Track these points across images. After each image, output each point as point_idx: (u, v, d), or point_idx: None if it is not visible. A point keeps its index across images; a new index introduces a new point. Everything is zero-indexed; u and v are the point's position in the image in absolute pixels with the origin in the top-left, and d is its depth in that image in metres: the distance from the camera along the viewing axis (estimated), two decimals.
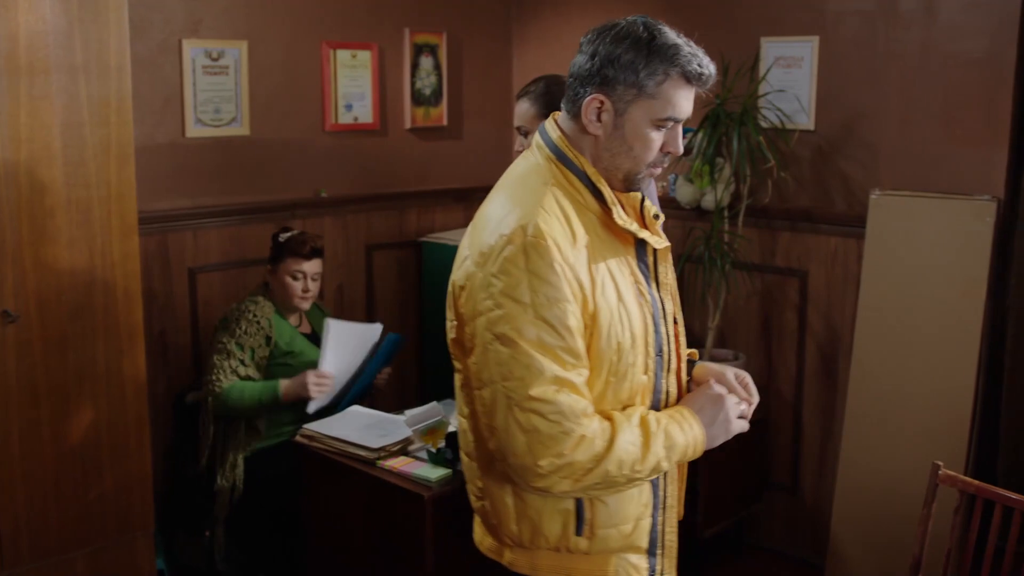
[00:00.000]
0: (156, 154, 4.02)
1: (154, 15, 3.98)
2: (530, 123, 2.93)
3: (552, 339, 1.79)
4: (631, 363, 1.89)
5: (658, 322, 1.96)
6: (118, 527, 3.42)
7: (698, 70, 1.85)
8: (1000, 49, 3.61)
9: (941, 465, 2.92)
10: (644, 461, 1.86)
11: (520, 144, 2.99)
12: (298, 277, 3.82)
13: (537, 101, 2.92)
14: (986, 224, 3.59)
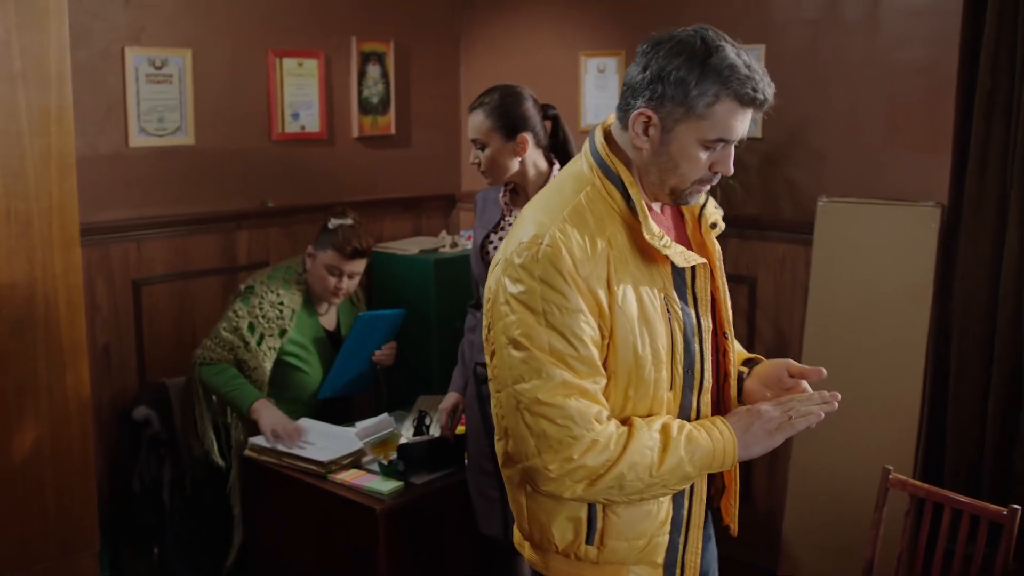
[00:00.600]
0: (98, 164, 3.94)
1: (95, 22, 3.90)
2: (485, 136, 2.92)
3: (563, 347, 1.78)
4: (654, 379, 1.86)
5: (689, 339, 1.89)
6: (62, 547, 3.33)
7: (752, 94, 1.78)
8: (942, 57, 3.66)
9: (892, 469, 2.94)
10: (662, 465, 1.81)
11: (475, 157, 2.97)
12: (335, 273, 3.69)
13: (492, 114, 2.91)
14: (931, 230, 3.64)
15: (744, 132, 1.83)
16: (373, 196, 4.87)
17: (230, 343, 3.56)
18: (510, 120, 2.94)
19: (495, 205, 3.09)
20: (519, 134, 2.94)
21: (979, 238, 3.47)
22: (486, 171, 2.99)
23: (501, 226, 3.04)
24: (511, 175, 2.98)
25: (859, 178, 3.91)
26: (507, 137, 2.94)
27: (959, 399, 3.55)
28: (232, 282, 4.40)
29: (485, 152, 2.96)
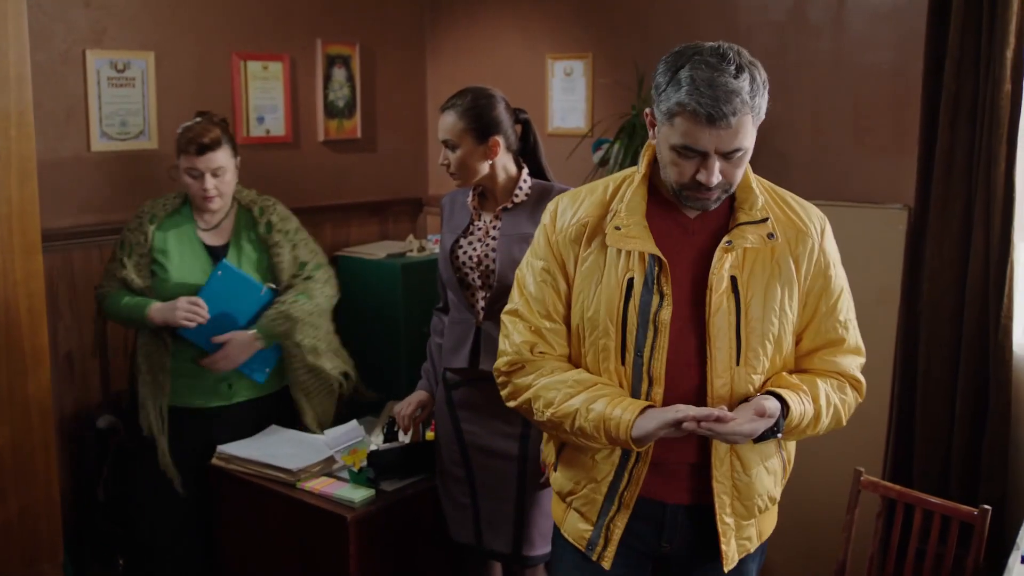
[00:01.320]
0: (59, 169, 3.88)
1: (56, 24, 3.84)
2: (457, 137, 2.88)
3: (528, 280, 2.15)
4: (602, 345, 2.03)
5: (642, 324, 1.99)
6: (24, 558, 3.27)
7: (700, 111, 1.85)
8: (907, 60, 3.68)
9: (863, 471, 2.95)
10: (560, 406, 2.02)
11: (444, 158, 2.94)
12: (195, 175, 3.30)
13: (465, 115, 2.87)
14: (898, 232, 3.66)
15: (711, 147, 1.88)
16: (339, 200, 4.83)
17: (113, 271, 3.36)
18: (483, 123, 2.90)
19: (463, 209, 3.05)
20: (491, 137, 2.90)
21: (946, 240, 3.49)
22: (455, 172, 2.94)
23: (470, 230, 2.99)
24: (480, 178, 2.93)
25: (826, 180, 3.92)
26: (479, 140, 2.89)
27: (927, 400, 3.57)
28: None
29: (456, 153, 2.91)
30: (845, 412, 2.12)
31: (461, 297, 2.96)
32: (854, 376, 2.15)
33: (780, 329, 2.03)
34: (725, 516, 2.07)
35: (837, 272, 2.12)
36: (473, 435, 2.96)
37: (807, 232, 2.06)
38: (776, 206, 2.08)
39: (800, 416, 1.99)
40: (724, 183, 1.95)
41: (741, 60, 1.91)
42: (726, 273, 1.98)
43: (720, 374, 1.99)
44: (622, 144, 4.14)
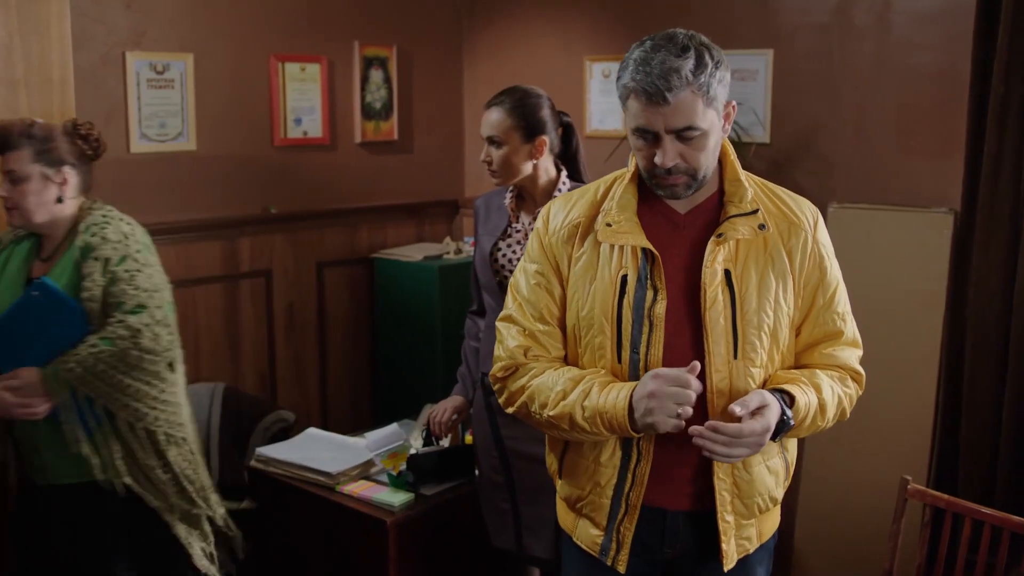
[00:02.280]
0: (99, 170, 3.82)
1: (96, 27, 3.85)
2: (504, 134, 2.86)
3: (522, 284, 2.14)
4: (598, 343, 2.02)
5: (638, 319, 1.98)
6: None
7: (636, 87, 1.90)
8: (954, 63, 3.63)
9: (910, 480, 2.90)
10: (556, 407, 2.00)
11: (487, 155, 2.91)
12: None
13: (513, 112, 2.87)
14: (944, 236, 3.60)
15: (659, 126, 1.90)
16: (376, 202, 4.82)
17: None
18: (531, 121, 2.88)
19: (499, 211, 3.02)
20: (538, 137, 2.88)
21: (993, 245, 3.43)
22: (497, 170, 2.91)
23: (508, 232, 2.97)
24: (521, 178, 2.91)
25: (869, 184, 3.87)
26: (526, 138, 2.87)
27: (973, 408, 3.51)
28: (235, 289, 4.35)
29: (500, 151, 2.88)
30: (848, 405, 2.12)
31: (500, 300, 2.91)
32: (854, 368, 2.14)
33: (776, 322, 2.02)
34: (726, 514, 2.05)
35: (832, 264, 2.11)
36: (513, 440, 2.92)
37: (799, 224, 2.05)
38: (767, 199, 2.07)
39: (806, 407, 1.98)
40: (687, 167, 1.95)
41: (690, 42, 1.92)
42: (719, 266, 1.98)
43: (718, 368, 1.98)
44: None
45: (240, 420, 4.08)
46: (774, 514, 2.19)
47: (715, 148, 1.99)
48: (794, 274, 2.04)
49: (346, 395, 4.84)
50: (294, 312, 4.58)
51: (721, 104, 1.96)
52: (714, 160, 2.01)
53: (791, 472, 2.19)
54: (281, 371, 4.56)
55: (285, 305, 4.54)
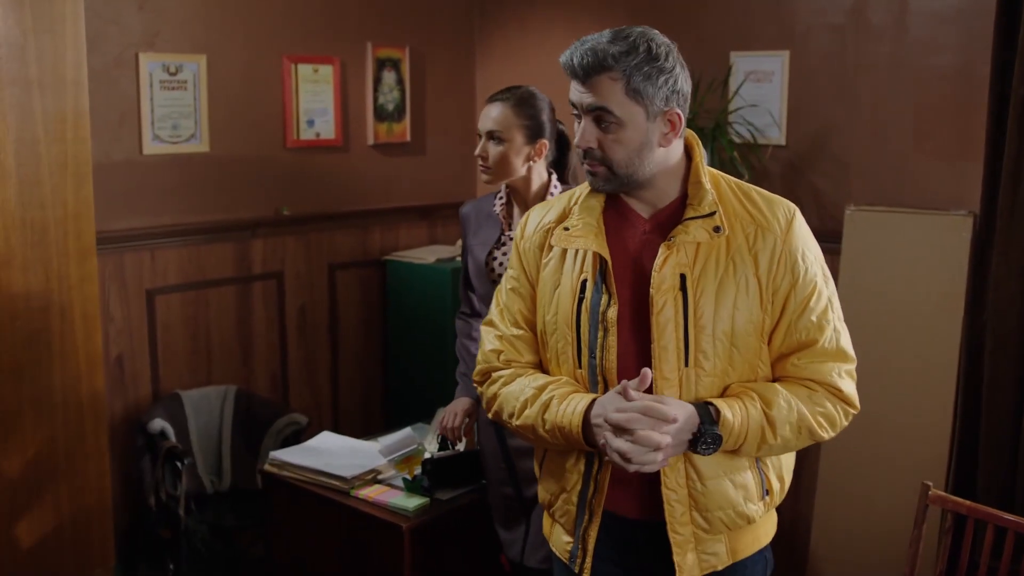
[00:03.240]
0: (112, 172, 3.87)
1: (109, 28, 3.83)
2: (507, 130, 2.80)
3: (502, 291, 2.16)
4: (560, 349, 2.02)
5: (594, 325, 1.96)
6: (76, 563, 3.27)
7: (563, 60, 1.92)
8: (973, 63, 3.60)
9: (931, 485, 2.87)
10: (520, 417, 2.01)
11: (483, 150, 2.84)
12: None
13: (519, 110, 2.82)
14: (963, 239, 3.57)
15: (579, 101, 1.91)
16: (388, 204, 4.80)
17: None
18: (536, 122, 2.82)
19: (490, 220, 2.94)
20: (540, 139, 2.82)
21: (1013, 248, 3.39)
22: (492, 167, 2.81)
23: (502, 241, 2.90)
24: (514, 179, 2.83)
25: (887, 186, 3.84)
26: (528, 138, 2.80)
27: (992, 413, 3.48)
28: (247, 291, 4.33)
29: (500, 147, 2.79)
30: (821, 424, 1.95)
31: None
32: (830, 383, 1.96)
33: (736, 329, 1.93)
34: (678, 526, 1.98)
35: (808, 268, 1.96)
36: (520, 450, 2.86)
37: (767, 227, 1.95)
38: (737, 201, 1.99)
39: (742, 422, 1.88)
40: (603, 157, 1.92)
41: (638, 35, 1.89)
42: (670, 271, 1.93)
43: (666, 375, 1.93)
44: None
45: (252, 423, 4.08)
46: (752, 532, 2.08)
47: (639, 147, 1.92)
48: (759, 278, 1.94)
49: (358, 398, 4.82)
50: (306, 314, 4.56)
51: (654, 104, 1.89)
52: (640, 160, 1.93)
53: (775, 490, 2.07)
54: (293, 373, 4.54)
55: (297, 307, 4.52)
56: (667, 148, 1.95)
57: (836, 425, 1.98)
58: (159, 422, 3.77)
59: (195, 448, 3.96)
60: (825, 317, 1.97)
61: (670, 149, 1.96)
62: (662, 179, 1.97)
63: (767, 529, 2.12)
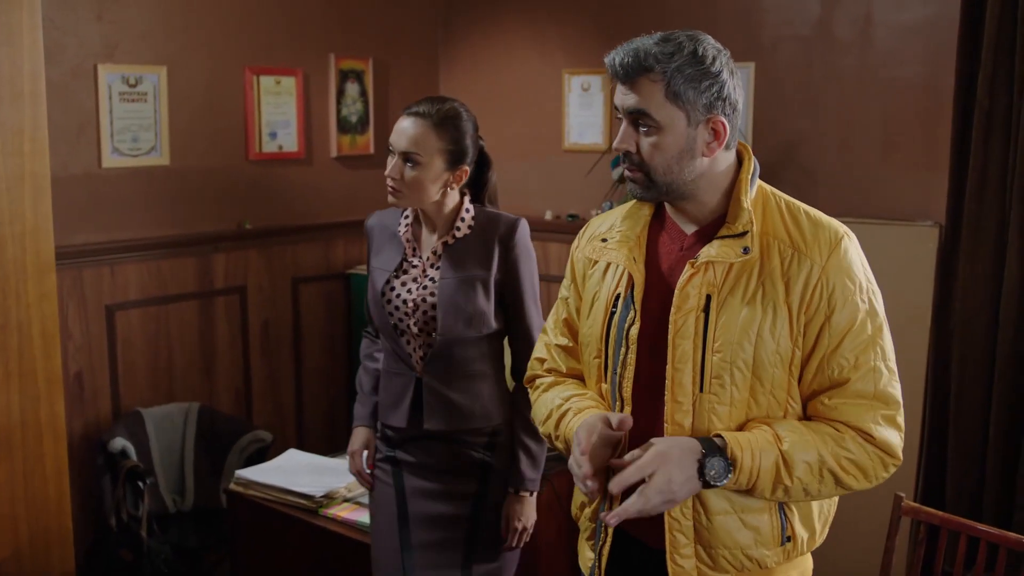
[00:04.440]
0: (70, 185, 3.79)
1: (67, 38, 3.76)
2: (427, 154, 2.44)
3: (560, 296, 2.12)
4: (591, 362, 1.98)
5: (618, 340, 1.90)
6: None
7: (607, 60, 1.85)
8: (937, 75, 3.62)
9: (903, 496, 2.86)
10: (544, 426, 2.02)
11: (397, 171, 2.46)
12: None
13: (443, 133, 2.47)
14: (929, 250, 3.59)
15: (621, 104, 1.83)
16: (352, 217, 4.74)
17: None
18: (461, 147, 2.48)
19: (393, 241, 2.60)
20: (461, 166, 2.50)
21: (979, 258, 3.42)
22: (403, 192, 2.46)
23: (404, 268, 2.56)
24: (425, 204, 2.51)
25: (853, 197, 3.85)
26: (450, 164, 2.47)
27: (960, 422, 3.50)
28: (209, 306, 4.26)
29: (414, 172, 2.43)
30: (847, 470, 1.80)
31: (396, 345, 2.56)
32: (860, 427, 1.79)
33: (760, 359, 1.80)
34: (679, 558, 1.89)
35: (849, 300, 1.80)
36: (416, 498, 2.58)
37: (805, 251, 1.81)
38: (781, 221, 1.86)
39: (752, 457, 1.75)
40: (639, 161, 1.82)
41: (684, 36, 1.81)
42: (695, 290, 1.84)
43: (680, 399, 1.84)
44: None
45: (215, 441, 4.00)
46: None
47: (679, 154, 1.81)
48: (791, 307, 1.80)
49: (322, 413, 4.76)
50: (269, 329, 4.49)
51: (697, 110, 1.78)
52: (679, 168, 1.82)
53: (799, 538, 1.91)
54: (257, 390, 4.47)
55: (260, 322, 4.45)
56: (711, 159, 1.82)
57: (869, 475, 1.81)
58: (120, 441, 3.69)
59: (157, 467, 3.88)
60: (864, 355, 1.81)
61: (715, 160, 1.83)
62: (706, 192, 1.86)
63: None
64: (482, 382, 2.57)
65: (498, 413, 2.59)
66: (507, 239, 2.54)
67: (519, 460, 2.59)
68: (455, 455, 2.56)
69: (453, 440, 2.55)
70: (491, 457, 2.58)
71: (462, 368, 2.54)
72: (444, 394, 2.53)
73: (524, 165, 4.86)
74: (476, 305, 2.51)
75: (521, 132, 4.85)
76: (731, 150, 1.86)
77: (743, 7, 4.08)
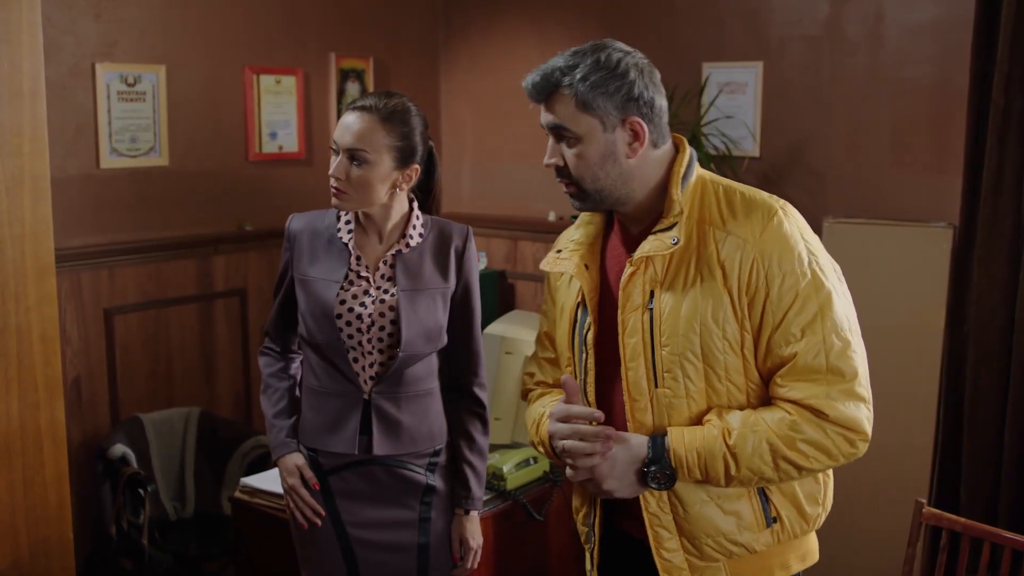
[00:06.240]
0: (68, 187, 3.72)
1: (65, 37, 3.69)
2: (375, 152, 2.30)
3: (540, 313, 2.18)
4: (565, 370, 2.02)
5: (580, 347, 1.96)
6: None
7: (523, 85, 1.89)
8: (950, 75, 3.58)
9: (924, 503, 2.82)
10: (530, 435, 2.07)
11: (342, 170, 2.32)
12: None
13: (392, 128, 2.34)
14: (943, 251, 3.54)
15: (543, 121, 1.87)
16: None
17: None
18: (410, 144, 2.34)
19: (332, 248, 2.42)
20: (411, 164, 2.36)
21: (994, 260, 3.37)
22: (349, 193, 2.31)
23: (351, 280, 2.39)
24: (371, 208, 2.37)
25: (864, 198, 3.81)
26: (400, 163, 2.33)
27: (975, 426, 3.45)
28: (209, 309, 4.19)
29: (361, 170, 2.29)
30: (806, 454, 1.77)
31: (341, 362, 2.38)
32: (812, 405, 1.75)
33: (709, 347, 1.79)
34: (664, 552, 1.89)
35: (787, 275, 1.77)
36: (359, 529, 2.45)
37: (737, 232, 1.79)
38: (716, 206, 1.84)
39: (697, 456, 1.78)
40: (570, 174, 1.86)
41: (583, 47, 1.86)
42: (636, 288, 1.85)
43: (636, 396, 1.86)
44: None
45: (217, 446, 3.94)
46: (759, 562, 1.91)
47: (602, 160, 1.83)
48: (731, 291, 1.78)
49: None
50: None
51: (608, 114, 1.80)
52: (606, 175, 1.83)
53: (786, 519, 1.90)
54: (257, 393, 4.38)
55: (261, 325, 4.38)
56: (638, 159, 1.84)
57: (834, 455, 1.78)
58: (119, 447, 3.62)
59: (157, 474, 3.81)
60: (811, 328, 1.76)
61: (644, 160, 1.85)
62: (641, 192, 1.88)
63: (783, 560, 1.94)
64: (430, 401, 2.47)
65: (443, 433, 2.50)
66: (462, 249, 2.46)
67: (467, 479, 2.49)
68: (398, 480, 2.43)
69: (395, 464, 2.43)
70: (434, 479, 2.47)
71: (413, 387, 2.42)
72: (394, 416, 2.40)
73: (526, 166, 4.80)
74: (436, 319, 2.40)
75: (523, 132, 4.79)
76: (660, 148, 1.88)
77: (750, 6, 4.03)
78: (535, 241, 4.78)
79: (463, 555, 2.51)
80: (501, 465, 3.09)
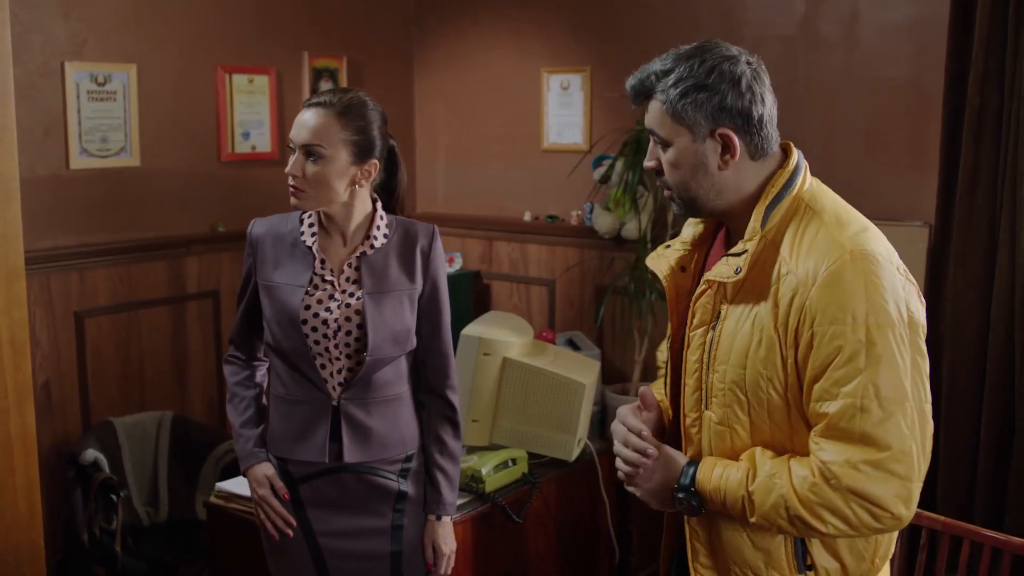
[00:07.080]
0: (37, 188, 3.66)
1: (33, 35, 3.63)
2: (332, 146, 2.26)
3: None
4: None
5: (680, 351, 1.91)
6: None
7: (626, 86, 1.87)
8: (924, 75, 3.59)
9: None
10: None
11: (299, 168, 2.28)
12: None
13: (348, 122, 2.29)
14: (918, 250, 3.55)
15: (649, 123, 1.82)
16: None
17: None
18: (368, 138, 2.29)
19: (296, 251, 2.37)
20: (370, 159, 2.31)
21: (970, 259, 3.38)
22: (307, 191, 2.27)
23: (316, 284, 2.34)
24: (331, 207, 2.33)
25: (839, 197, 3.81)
26: (357, 158, 2.29)
27: (951, 425, 3.46)
28: (181, 312, 4.14)
29: (317, 167, 2.25)
30: (823, 518, 1.65)
31: (309, 369, 2.35)
32: (836, 472, 1.62)
33: (755, 382, 1.72)
34: (700, 566, 1.88)
35: (833, 328, 1.64)
36: (330, 538, 2.41)
37: (795, 271, 1.68)
38: (795, 234, 1.73)
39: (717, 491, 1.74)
40: (665, 180, 1.83)
41: (685, 50, 1.83)
42: (703, 307, 1.81)
43: (689, 412, 1.85)
44: (626, 161, 4.01)
45: (190, 450, 3.89)
46: None
47: (692, 170, 1.76)
48: (777, 330, 1.70)
49: None
50: None
51: (698, 124, 1.73)
52: (697, 185, 1.77)
53: (823, 568, 1.78)
54: None
55: None
56: (732, 171, 1.75)
57: (855, 526, 1.64)
58: (91, 452, 3.56)
59: (130, 479, 3.76)
60: (851, 390, 1.63)
61: (739, 172, 1.76)
62: (739, 205, 1.78)
63: None
64: (400, 405, 2.43)
65: (414, 438, 2.46)
66: (428, 249, 2.41)
67: (438, 484, 2.46)
68: (369, 487, 2.40)
69: (366, 471, 2.39)
70: (407, 485, 2.44)
71: (382, 392, 2.38)
72: (364, 422, 2.36)
73: (501, 166, 4.79)
74: (404, 322, 2.36)
75: (498, 132, 4.77)
76: (760, 160, 1.78)
77: (724, 6, 4.04)
78: (510, 241, 4.75)
79: (436, 561, 2.49)
80: (480, 467, 3.07)
